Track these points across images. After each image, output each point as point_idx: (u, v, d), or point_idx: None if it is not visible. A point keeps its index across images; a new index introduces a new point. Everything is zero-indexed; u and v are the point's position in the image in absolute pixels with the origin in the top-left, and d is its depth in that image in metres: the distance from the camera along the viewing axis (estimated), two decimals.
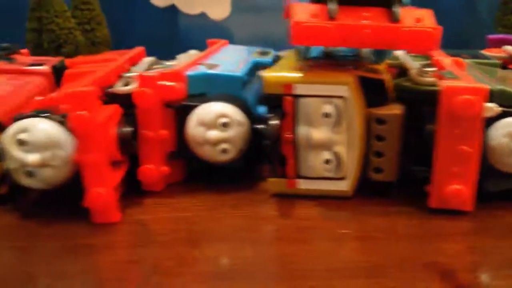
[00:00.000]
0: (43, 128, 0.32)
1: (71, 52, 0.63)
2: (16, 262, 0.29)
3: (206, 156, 0.36)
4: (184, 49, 0.49)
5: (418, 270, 0.27)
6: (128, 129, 0.34)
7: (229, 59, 0.43)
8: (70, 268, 0.28)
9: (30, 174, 0.32)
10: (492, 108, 0.30)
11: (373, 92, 0.34)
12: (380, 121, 0.33)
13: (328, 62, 0.37)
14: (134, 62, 0.43)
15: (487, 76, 0.36)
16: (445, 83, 0.31)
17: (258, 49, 0.48)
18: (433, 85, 0.33)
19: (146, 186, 0.36)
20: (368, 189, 0.35)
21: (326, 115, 0.33)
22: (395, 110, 0.34)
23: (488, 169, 0.32)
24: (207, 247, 0.30)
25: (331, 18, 0.32)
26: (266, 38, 0.47)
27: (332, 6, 0.32)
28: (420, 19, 0.32)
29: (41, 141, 0.31)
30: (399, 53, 0.41)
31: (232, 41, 0.82)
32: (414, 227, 0.31)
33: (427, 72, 0.35)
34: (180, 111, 0.36)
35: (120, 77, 0.38)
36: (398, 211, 0.33)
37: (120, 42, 0.69)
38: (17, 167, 0.32)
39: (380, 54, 0.38)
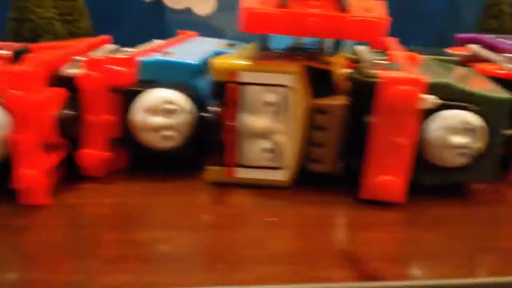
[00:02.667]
0: None
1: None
2: None
3: (149, 143, 0.35)
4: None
5: (333, 258, 0.27)
6: (68, 112, 0.33)
7: (190, 49, 0.43)
8: None
9: None
10: (429, 100, 0.30)
11: (320, 83, 0.34)
12: (321, 111, 0.33)
13: (283, 52, 0.37)
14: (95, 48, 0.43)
15: (444, 72, 0.36)
16: (382, 74, 0.30)
17: (226, 41, 0.48)
18: (375, 76, 0.33)
19: (86, 171, 0.36)
20: (307, 180, 0.34)
21: (269, 104, 0.33)
22: (337, 100, 0.33)
23: (424, 162, 0.32)
24: (138, 233, 0.30)
25: (282, 5, 0.32)
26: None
27: None
28: (369, 9, 0.32)
29: None
30: (360, 48, 0.40)
31: (217, 37, 0.82)
32: (344, 217, 0.31)
33: (376, 64, 0.34)
34: (126, 97, 0.36)
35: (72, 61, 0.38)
36: (332, 202, 0.33)
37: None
38: None
39: (336, 46, 0.38)
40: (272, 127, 0.33)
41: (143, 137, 0.35)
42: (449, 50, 0.45)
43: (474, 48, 0.44)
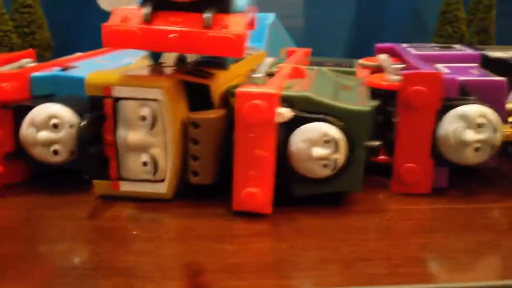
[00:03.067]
0: None
1: None
2: None
3: (39, 157, 0.36)
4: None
5: (176, 270, 0.27)
6: None
7: (101, 62, 0.43)
8: None
9: None
10: (283, 113, 0.31)
11: (199, 97, 0.35)
12: (195, 125, 0.33)
13: (168, 66, 0.38)
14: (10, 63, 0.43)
15: (327, 84, 0.36)
16: (238, 89, 0.31)
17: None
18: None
19: None
20: (188, 192, 0.35)
21: (143, 118, 0.34)
22: (210, 114, 0.34)
23: (293, 174, 0.32)
24: (10, 248, 0.30)
25: (145, 21, 0.33)
26: None
27: (146, 11, 0.33)
28: (228, 26, 0.32)
29: None
30: (266, 60, 0.41)
31: None
32: (211, 229, 0.32)
33: (252, 79, 0.35)
34: (18, 112, 0.37)
35: None
36: (208, 214, 0.33)
37: (71, 48, 0.71)
38: None
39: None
40: (147, 140, 0.34)
41: (33, 151, 0.36)
42: (362, 61, 0.46)
43: (381, 58, 0.44)
